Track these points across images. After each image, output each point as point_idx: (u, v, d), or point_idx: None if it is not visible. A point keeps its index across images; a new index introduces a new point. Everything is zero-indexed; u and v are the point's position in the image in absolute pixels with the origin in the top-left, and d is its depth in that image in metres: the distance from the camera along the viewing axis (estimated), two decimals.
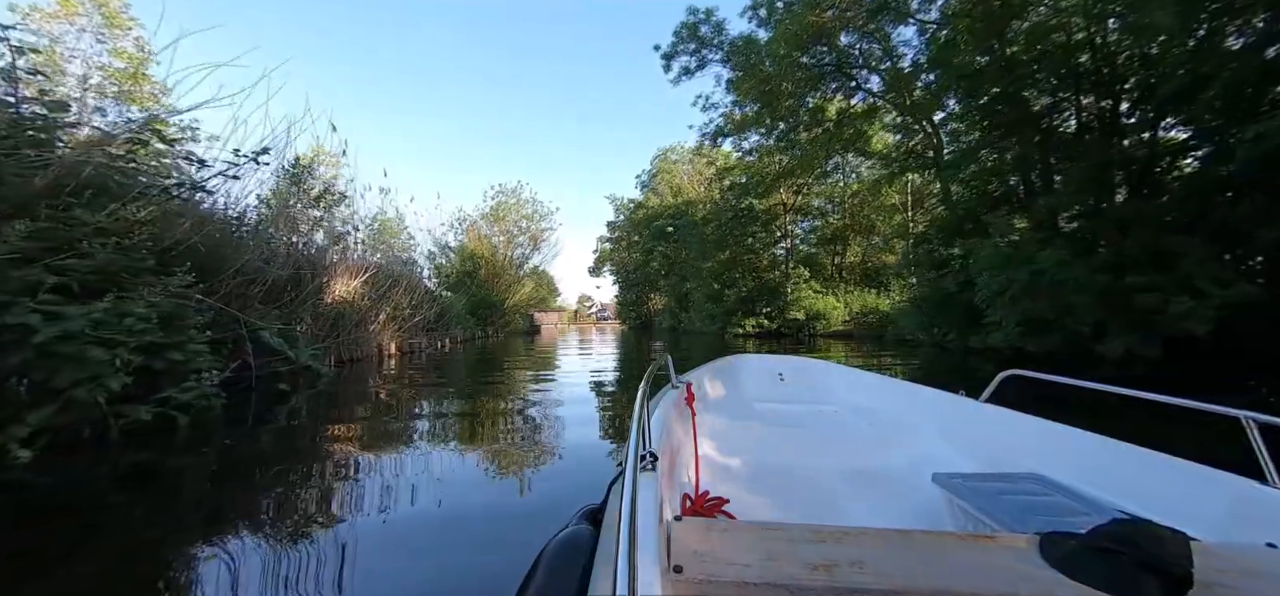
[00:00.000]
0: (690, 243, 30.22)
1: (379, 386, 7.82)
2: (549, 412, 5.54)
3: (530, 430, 4.68)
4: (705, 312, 26.03)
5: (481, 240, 29.38)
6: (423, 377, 8.92)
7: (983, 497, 1.43)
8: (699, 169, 41.37)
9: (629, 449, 1.03)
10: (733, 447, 2.22)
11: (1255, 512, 1.24)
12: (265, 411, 5.27)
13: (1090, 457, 1.69)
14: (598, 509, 1.47)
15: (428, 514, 2.59)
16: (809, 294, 24.08)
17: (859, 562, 0.81)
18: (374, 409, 5.93)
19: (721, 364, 3.43)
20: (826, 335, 22.54)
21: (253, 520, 2.60)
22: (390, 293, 13.17)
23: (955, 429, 2.29)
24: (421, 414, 5.67)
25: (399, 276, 15.09)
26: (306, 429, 4.76)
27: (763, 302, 23.95)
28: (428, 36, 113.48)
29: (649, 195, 42.74)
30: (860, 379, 3.30)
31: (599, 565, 1.05)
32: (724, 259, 25.70)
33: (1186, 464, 1.47)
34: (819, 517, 1.18)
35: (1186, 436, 2.04)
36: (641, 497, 0.88)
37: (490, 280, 29.14)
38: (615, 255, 54.09)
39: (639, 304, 50.26)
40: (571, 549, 1.21)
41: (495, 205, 29.94)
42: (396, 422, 5.11)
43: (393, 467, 3.36)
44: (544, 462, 3.47)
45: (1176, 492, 1.41)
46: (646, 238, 38.55)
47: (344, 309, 10.80)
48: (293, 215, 10.28)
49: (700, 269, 27.74)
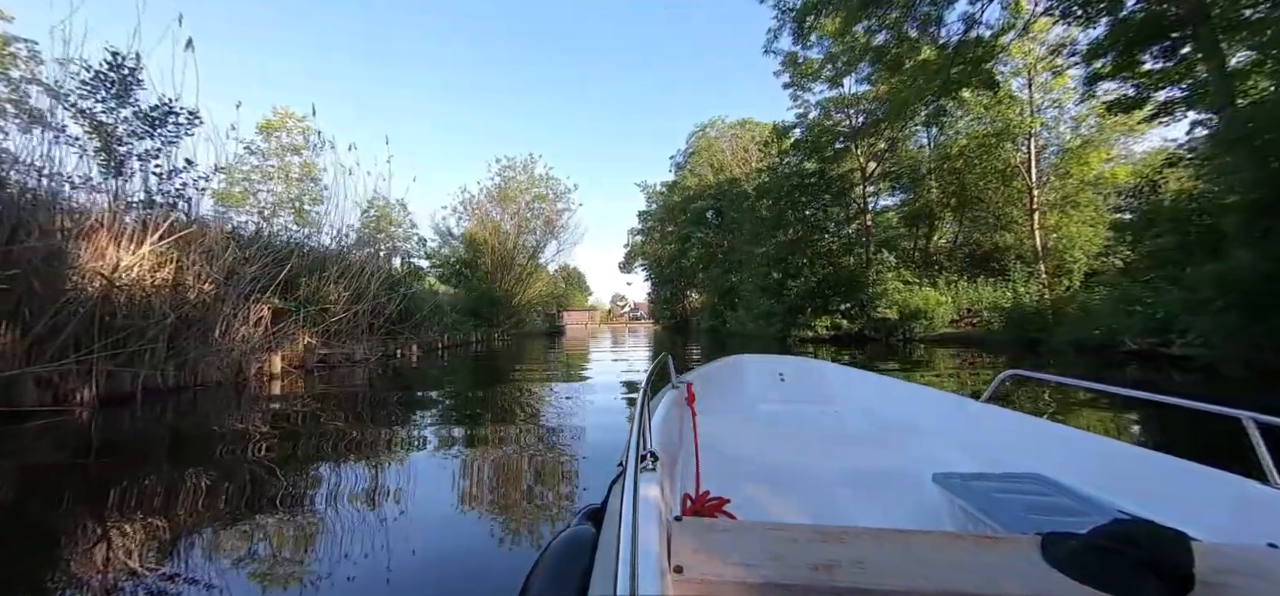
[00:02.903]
0: (738, 225, 24.55)
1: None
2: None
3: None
4: (759, 310, 20.31)
5: (485, 223, 24.64)
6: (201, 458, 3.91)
7: (984, 498, 1.42)
8: (743, 144, 35.63)
9: (629, 449, 1.07)
10: (734, 448, 2.20)
11: (1256, 513, 1.24)
12: None
13: (1091, 458, 1.68)
14: (599, 509, 1.42)
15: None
16: (897, 284, 18.06)
17: (860, 562, 0.81)
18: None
19: (722, 364, 3.45)
20: (931, 339, 16.52)
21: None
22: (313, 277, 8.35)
23: (956, 429, 2.28)
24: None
25: (307, 254, 10.32)
26: None
27: (838, 296, 18.07)
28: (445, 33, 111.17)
29: (685, 175, 37.19)
30: (861, 379, 3.25)
31: (599, 565, 1.01)
32: (786, 240, 19.91)
33: (1187, 464, 1.48)
34: (820, 518, 1.25)
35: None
36: (642, 498, 0.87)
37: (496, 272, 24.42)
38: (647, 248, 48.97)
39: (674, 302, 45.00)
40: (572, 549, 1.16)
41: (502, 183, 25.11)
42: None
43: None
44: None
45: (1177, 493, 1.41)
46: (683, 224, 32.98)
47: (138, 292, 5.94)
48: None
49: (752, 255, 22.07)
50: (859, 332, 17.72)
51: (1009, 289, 17.83)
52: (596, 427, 4.48)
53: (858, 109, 20.22)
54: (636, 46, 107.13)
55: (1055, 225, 19.35)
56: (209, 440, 4.07)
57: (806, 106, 21.21)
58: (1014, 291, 17.50)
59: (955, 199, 21.86)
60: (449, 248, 25.33)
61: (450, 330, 16.82)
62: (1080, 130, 19.14)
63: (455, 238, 25.26)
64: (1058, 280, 17.84)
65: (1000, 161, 20.12)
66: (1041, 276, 18.04)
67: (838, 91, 20.58)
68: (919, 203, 22.27)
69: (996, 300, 17.38)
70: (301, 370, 8.46)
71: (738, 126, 37.53)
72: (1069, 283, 17.50)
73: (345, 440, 4.07)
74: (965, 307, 17.80)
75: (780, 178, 20.20)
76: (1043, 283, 17.73)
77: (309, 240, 10.43)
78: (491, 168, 25.48)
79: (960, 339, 16.11)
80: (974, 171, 20.61)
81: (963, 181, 21.03)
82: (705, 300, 35.68)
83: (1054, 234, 19.26)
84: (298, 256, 10.02)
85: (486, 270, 24.18)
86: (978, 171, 20.47)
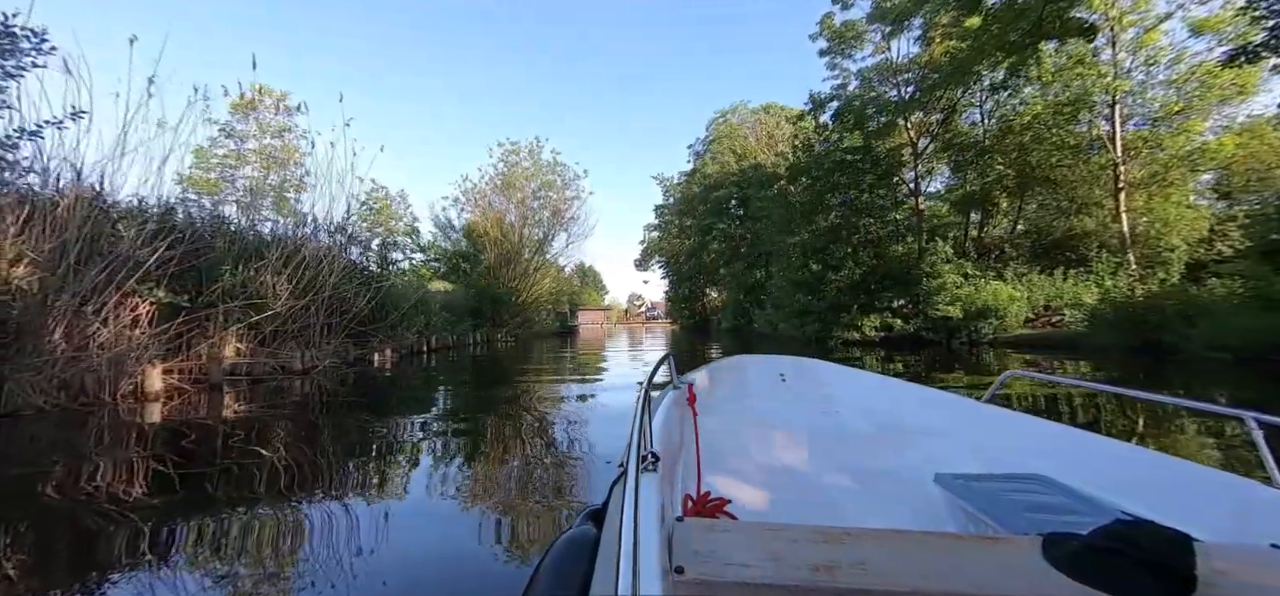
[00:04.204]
0: (766, 213, 22.02)
1: None
2: None
3: None
4: (793, 307, 17.78)
5: (488, 214, 22.56)
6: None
7: (985, 498, 1.41)
8: (769, 129, 33.01)
9: (630, 449, 1.06)
10: (734, 448, 2.14)
11: (1259, 514, 1.22)
12: None
13: (1093, 458, 1.66)
14: (600, 510, 1.42)
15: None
16: (955, 277, 15.39)
17: (861, 563, 0.80)
18: None
19: (723, 364, 3.40)
20: (1005, 342, 13.87)
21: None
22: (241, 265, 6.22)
23: (957, 429, 2.23)
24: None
25: (235, 237, 8.28)
26: None
27: (889, 291, 15.48)
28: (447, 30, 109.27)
29: (705, 161, 34.68)
30: (862, 379, 3.19)
31: (601, 566, 1.02)
32: (825, 227, 17.33)
33: (1189, 465, 1.46)
34: (821, 518, 1.16)
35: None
36: (643, 498, 0.87)
37: (499, 267, 22.34)
38: (664, 244, 46.62)
39: (692, 300, 42.56)
40: (575, 550, 1.17)
41: (505, 169, 22.99)
42: None
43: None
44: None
45: (1179, 493, 1.39)
46: (702, 215, 30.50)
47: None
48: None
49: (783, 246, 19.53)
50: (914, 334, 15.11)
51: (1093, 282, 15.06)
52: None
53: (906, 79, 17.58)
54: (654, 36, 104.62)
55: (1145, 206, 16.47)
56: None
57: (846, 75, 18.63)
58: (1100, 284, 14.73)
59: (1017, 179, 18.99)
60: (450, 241, 23.34)
61: (440, 331, 14.73)
62: (1175, 93, 16.21)
63: (456, 229, 23.27)
64: (1151, 271, 15.03)
65: (1072, 136, 17.29)
66: (1130, 267, 15.23)
67: (883, 57, 17.96)
68: (974, 184, 19.43)
69: (1079, 295, 14.62)
70: (203, 387, 6.34)
71: (762, 111, 34.92)
72: (1166, 274, 14.68)
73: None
74: (1042, 305, 15.06)
75: (819, 155, 17.58)
76: (1132, 274, 14.93)
77: (241, 221, 8.33)
78: (494, 153, 23.37)
79: (1043, 342, 13.42)
80: (1042, 146, 17.74)
81: (1027, 158, 18.16)
82: (727, 298, 33.18)
83: (1145, 216, 16.39)
84: (224, 239, 7.94)
85: (489, 265, 22.12)
86: (1047, 145, 17.60)
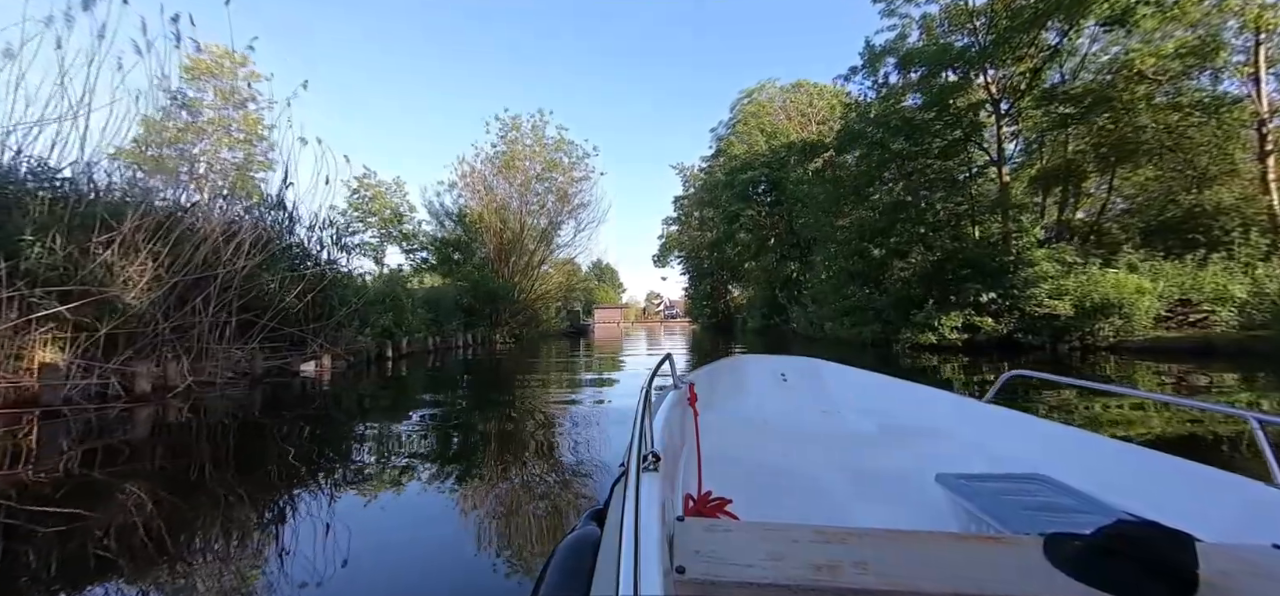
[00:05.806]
0: (807, 196, 18.86)
1: None
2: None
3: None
4: (844, 303, 14.63)
5: (485, 199, 19.88)
6: None
7: (987, 498, 1.41)
8: (801, 107, 29.75)
9: (631, 449, 1.04)
10: (736, 448, 2.15)
11: (1261, 513, 1.22)
12: None
13: (1095, 458, 1.66)
14: (602, 510, 1.40)
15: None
16: (1050, 266, 12.12)
17: (863, 563, 0.79)
18: None
19: (724, 364, 3.39)
20: (1134, 349, 10.63)
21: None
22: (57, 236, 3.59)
23: (959, 429, 2.22)
24: None
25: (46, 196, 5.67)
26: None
27: (975, 283, 12.26)
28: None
29: (730, 141, 31.53)
30: (863, 379, 3.16)
31: (602, 566, 1.02)
32: (889, 202, 14.13)
33: (1192, 465, 1.45)
34: (822, 518, 1.16)
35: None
36: (644, 498, 0.86)
37: (498, 258, 19.67)
38: (683, 238, 43.63)
39: (713, 297, 39.50)
40: (578, 552, 1.18)
41: (505, 149, 20.26)
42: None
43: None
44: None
45: (1182, 494, 1.38)
46: (728, 201, 27.40)
47: None
48: None
49: (830, 230, 16.38)
50: (1007, 337, 11.90)
51: (1238, 268, 11.69)
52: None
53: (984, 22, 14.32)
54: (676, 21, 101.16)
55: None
56: None
57: (906, 24, 15.43)
58: (1250, 271, 11.38)
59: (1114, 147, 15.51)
60: (445, 229, 20.75)
61: (415, 331, 12.08)
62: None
63: (452, 216, 20.67)
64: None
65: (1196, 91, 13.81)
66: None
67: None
68: (1057, 157, 15.99)
69: (1225, 286, 11.27)
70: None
71: (792, 89, 31.65)
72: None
73: None
74: (1175, 298, 11.72)
75: (878, 115, 14.32)
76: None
77: (57, 176, 5.66)
78: (491, 128, 20.58)
79: (1191, 349, 10.12)
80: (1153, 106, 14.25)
81: (1135, 119, 14.69)
82: (754, 294, 30.03)
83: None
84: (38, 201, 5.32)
85: (487, 257, 19.48)
86: (1164, 104, 14.12)
